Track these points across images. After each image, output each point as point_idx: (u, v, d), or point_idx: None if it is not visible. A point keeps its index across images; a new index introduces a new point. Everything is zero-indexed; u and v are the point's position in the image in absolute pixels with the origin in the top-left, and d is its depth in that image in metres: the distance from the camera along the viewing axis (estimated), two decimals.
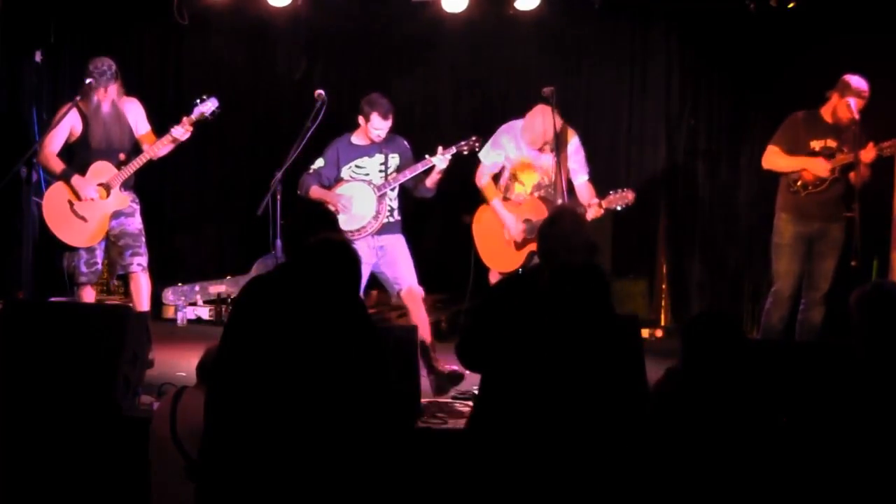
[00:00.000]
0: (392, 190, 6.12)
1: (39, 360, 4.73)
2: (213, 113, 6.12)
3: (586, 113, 8.14)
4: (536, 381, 3.28)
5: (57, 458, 4.57)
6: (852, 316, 3.53)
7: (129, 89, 6.19)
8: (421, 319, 5.95)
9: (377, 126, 6.08)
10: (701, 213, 8.16)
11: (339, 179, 6.17)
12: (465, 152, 6.16)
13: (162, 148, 6.05)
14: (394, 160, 6.18)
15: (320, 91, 6.14)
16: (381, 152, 6.15)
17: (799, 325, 6.34)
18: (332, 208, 6.08)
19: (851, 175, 6.07)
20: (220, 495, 3.09)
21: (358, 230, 6.04)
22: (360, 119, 6.12)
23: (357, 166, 6.16)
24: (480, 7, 7.49)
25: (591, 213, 6.07)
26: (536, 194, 6.29)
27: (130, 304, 6.22)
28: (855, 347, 3.49)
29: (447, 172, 6.10)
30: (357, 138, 6.20)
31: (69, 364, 4.72)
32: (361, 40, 8.11)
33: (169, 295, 7.87)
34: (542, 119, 6.17)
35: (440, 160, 6.03)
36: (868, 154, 6.02)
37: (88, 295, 6.11)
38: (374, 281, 6.28)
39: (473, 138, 6.19)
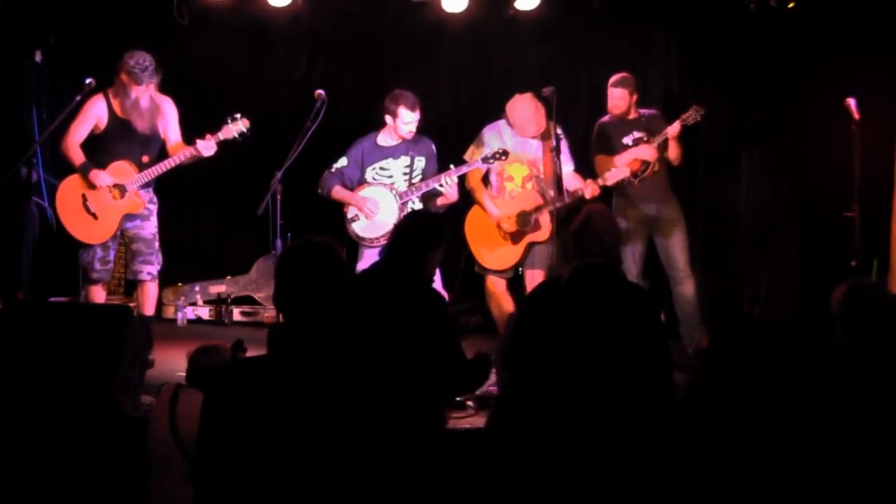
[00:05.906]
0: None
1: (39, 360, 4.73)
2: (241, 134, 6.05)
3: (586, 113, 8.13)
4: (564, 381, 3.22)
5: (57, 457, 4.57)
6: (834, 314, 3.53)
7: None
8: None
9: (407, 120, 5.94)
10: (701, 213, 8.15)
11: (361, 181, 6.06)
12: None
13: (184, 160, 6.01)
14: (420, 163, 6.03)
15: (320, 91, 6.12)
16: (407, 154, 6.00)
17: (675, 301, 6.85)
18: (355, 212, 6.04)
19: (669, 153, 6.65)
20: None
21: (378, 238, 5.92)
22: (387, 118, 5.99)
23: (381, 168, 6.03)
24: (480, 7, 7.49)
25: (589, 192, 6.10)
26: (528, 186, 6.26)
27: (132, 305, 6.22)
28: (840, 346, 3.49)
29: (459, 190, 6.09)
30: (383, 138, 6.06)
31: (69, 364, 4.72)
32: (361, 40, 8.10)
33: (169, 295, 7.87)
34: (522, 104, 6.15)
35: (444, 186, 5.93)
36: (674, 129, 6.55)
37: (98, 293, 6.08)
38: None
39: (479, 159, 6.12)
